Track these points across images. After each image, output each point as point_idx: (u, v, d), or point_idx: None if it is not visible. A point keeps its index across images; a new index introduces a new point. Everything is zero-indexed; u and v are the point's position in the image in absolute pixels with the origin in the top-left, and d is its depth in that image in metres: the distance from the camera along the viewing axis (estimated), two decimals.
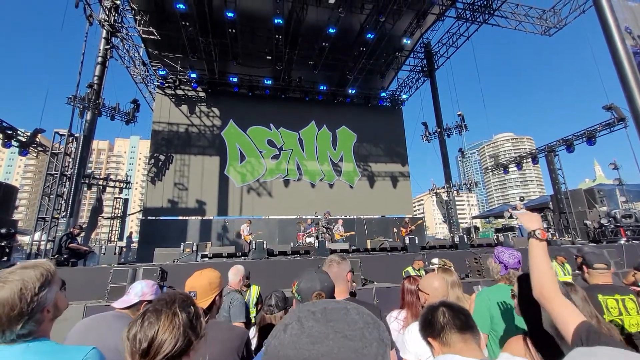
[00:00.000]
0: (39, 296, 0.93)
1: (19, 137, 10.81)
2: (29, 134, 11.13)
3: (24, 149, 10.96)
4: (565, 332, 1.04)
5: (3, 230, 7.56)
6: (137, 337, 0.83)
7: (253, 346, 2.31)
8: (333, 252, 8.25)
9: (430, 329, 1.18)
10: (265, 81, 15.53)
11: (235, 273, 3.39)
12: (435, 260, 4.17)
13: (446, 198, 16.76)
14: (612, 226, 10.13)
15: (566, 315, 1.05)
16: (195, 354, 0.91)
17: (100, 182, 13.97)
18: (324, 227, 10.67)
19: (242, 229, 11.70)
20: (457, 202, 16.87)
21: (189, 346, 0.88)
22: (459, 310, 1.19)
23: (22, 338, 0.91)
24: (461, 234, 9.96)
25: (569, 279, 5.17)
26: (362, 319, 0.47)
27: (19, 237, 17.10)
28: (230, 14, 11.28)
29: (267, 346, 0.46)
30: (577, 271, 2.47)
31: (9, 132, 10.38)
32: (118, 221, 15.27)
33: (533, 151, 15.75)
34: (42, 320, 0.96)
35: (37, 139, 11.44)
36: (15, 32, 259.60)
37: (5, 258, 7.37)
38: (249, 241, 10.92)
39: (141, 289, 1.73)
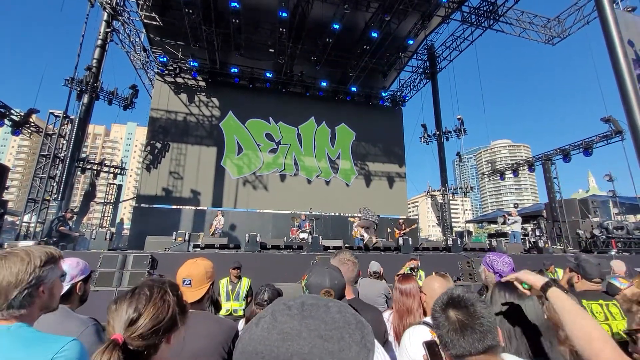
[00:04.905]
0: (42, 269, 0.96)
1: (12, 117, 10.59)
2: (22, 114, 10.92)
3: (16, 129, 10.75)
4: None
5: None
6: (127, 307, 0.83)
7: None
8: (327, 248, 8.24)
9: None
10: (267, 74, 15.36)
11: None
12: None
13: (441, 201, 16.81)
14: (604, 237, 10.23)
15: None
16: (174, 341, 0.89)
17: (95, 167, 13.78)
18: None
19: (212, 224, 11.07)
20: (451, 206, 16.93)
21: (172, 327, 0.87)
22: None
23: (11, 310, 0.90)
24: (454, 237, 9.99)
25: None
26: (344, 318, 0.43)
27: (12, 218, 16.88)
28: (234, 4, 11.13)
29: (239, 340, 0.44)
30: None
31: (2, 110, 10.17)
32: (110, 207, 15.12)
33: (530, 159, 15.84)
34: (35, 298, 0.95)
35: (31, 120, 11.24)
36: (12, 11, 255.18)
37: None
38: (211, 233, 10.59)
39: (68, 272, 1.53)
